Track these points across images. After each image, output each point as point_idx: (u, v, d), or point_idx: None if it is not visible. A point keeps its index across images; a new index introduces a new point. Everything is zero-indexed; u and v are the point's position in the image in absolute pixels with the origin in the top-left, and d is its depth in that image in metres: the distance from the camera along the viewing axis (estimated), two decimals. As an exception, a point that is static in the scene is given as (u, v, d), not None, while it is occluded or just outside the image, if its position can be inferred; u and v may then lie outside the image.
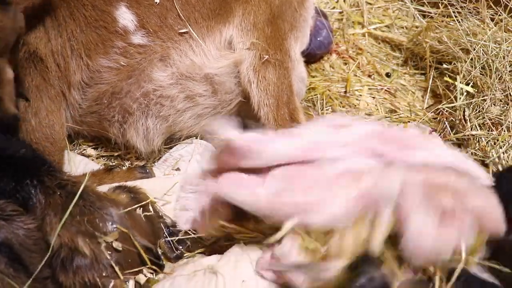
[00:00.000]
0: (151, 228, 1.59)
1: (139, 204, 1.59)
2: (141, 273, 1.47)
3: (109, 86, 1.87)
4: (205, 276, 1.42)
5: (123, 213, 1.51)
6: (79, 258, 1.39)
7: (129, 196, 1.60)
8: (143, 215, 1.59)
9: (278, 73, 1.93)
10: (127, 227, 1.48)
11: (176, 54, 1.88)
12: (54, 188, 1.47)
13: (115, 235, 1.44)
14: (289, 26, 2.00)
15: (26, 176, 1.47)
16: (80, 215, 1.45)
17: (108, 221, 1.47)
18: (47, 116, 1.81)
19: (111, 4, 1.82)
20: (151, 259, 1.51)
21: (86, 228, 1.43)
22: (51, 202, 1.45)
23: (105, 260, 1.41)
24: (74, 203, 1.44)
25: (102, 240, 1.42)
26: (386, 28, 2.68)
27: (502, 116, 2.05)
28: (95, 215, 1.46)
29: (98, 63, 1.83)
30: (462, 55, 2.29)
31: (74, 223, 1.43)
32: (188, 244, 1.66)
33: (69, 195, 1.46)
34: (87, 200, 1.48)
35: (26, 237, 1.40)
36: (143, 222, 1.58)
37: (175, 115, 1.96)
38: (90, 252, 1.40)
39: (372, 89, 2.43)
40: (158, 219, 1.65)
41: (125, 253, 1.46)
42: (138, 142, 1.96)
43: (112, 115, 1.92)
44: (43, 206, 1.45)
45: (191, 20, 1.88)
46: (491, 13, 2.41)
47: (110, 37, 1.82)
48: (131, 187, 1.67)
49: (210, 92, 1.97)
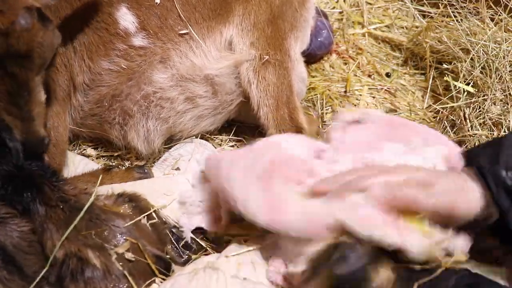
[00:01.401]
0: (157, 235, 1.59)
1: (145, 214, 1.57)
2: (154, 283, 1.45)
3: (110, 88, 1.86)
4: (206, 274, 1.41)
5: (131, 224, 1.50)
6: (90, 269, 1.37)
7: (131, 206, 1.59)
8: (148, 223, 1.58)
9: (278, 73, 1.93)
10: (136, 237, 1.48)
11: (177, 56, 1.87)
12: (56, 201, 1.45)
13: (126, 246, 1.43)
14: (290, 26, 1.99)
15: (26, 187, 1.44)
16: (87, 229, 1.43)
17: (117, 232, 1.46)
18: (52, 118, 1.80)
19: (112, 5, 1.81)
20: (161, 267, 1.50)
21: (94, 242, 1.41)
22: (52, 215, 1.43)
23: (117, 271, 1.39)
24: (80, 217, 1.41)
25: (113, 252, 1.41)
26: (386, 28, 2.68)
27: (502, 116, 2.05)
28: (103, 228, 1.45)
29: (100, 65, 1.82)
30: (462, 55, 2.29)
31: (80, 237, 1.41)
32: (194, 248, 1.65)
33: (73, 209, 1.44)
34: (93, 213, 1.47)
35: (21, 239, 1.39)
36: (149, 230, 1.57)
37: (175, 117, 1.96)
38: (101, 264, 1.38)
39: (372, 89, 2.43)
40: (163, 225, 1.64)
41: (136, 263, 1.45)
42: (139, 144, 1.96)
43: (113, 118, 1.91)
44: (42, 218, 1.42)
45: (192, 20, 1.87)
46: (491, 13, 2.41)
47: (111, 39, 1.81)
48: (132, 195, 1.65)
49: (211, 93, 1.96)
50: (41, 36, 1.42)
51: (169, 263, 1.53)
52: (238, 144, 2.19)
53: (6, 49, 1.36)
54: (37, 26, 1.41)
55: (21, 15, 1.37)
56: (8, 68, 1.39)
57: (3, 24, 1.35)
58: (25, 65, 1.41)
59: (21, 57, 1.40)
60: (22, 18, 1.37)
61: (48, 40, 1.44)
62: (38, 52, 1.42)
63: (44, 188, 1.45)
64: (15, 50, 1.37)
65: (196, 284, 1.39)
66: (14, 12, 1.37)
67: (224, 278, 1.39)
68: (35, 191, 1.44)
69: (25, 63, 1.41)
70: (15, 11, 1.37)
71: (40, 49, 1.42)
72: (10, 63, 1.39)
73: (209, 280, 1.39)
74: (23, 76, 1.42)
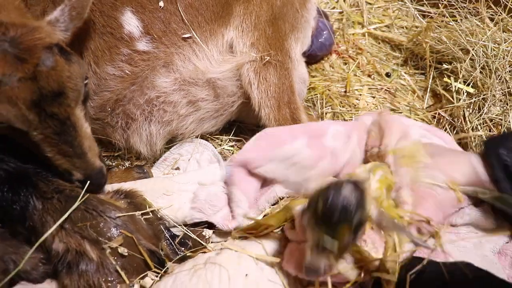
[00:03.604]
0: (152, 231, 1.59)
1: (143, 212, 1.58)
2: (147, 277, 1.46)
3: (113, 94, 1.85)
4: (207, 271, 1.42)
5: (127, 217, 1.51)
6: (85, 262, 1.39)
7: (126, 202, 1.59)
8: (143, 218, 1.58)
9: (279, 74, 1.93)
10: (131, 231, 1.48)
11: (180, 60, 1.87)
12: (51, 192, 1.46)
13: (120, 240, 1.44)
14: (290, 27, 1.99)
15: (21, 186, 1.45)
16: (82, 221, 1.44)
17: (112, 225, 1.47)
18: None
19: (117, 9, 1.79)
20: (155, 262, 1.50)
21: (89, 233, 1.43)
22: (49, 207, 1.44)
23: (110, 265, 1.41)
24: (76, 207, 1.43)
25: (107, 246, 1.42)
26: (386, 28, 2.69)
27: (502, 116, 2.05)
28: (99, 220, 1.45)
29: (105, 71, 1.81)
30: (462, 55, 2.29)
31: (76, 229, 1.43)
32: (190, 245, 1.66)
33: (69, 199, 1.46)
34: (89, 204, 1.48)
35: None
36: (144, 225, 1.57)
37: (177, 120, 1.96)
38: (96, 257, 1.40)
39: (372, 89, 2.43)
40: (157, 221, 1.65)
41: (130, 257, 1.45)
42: (141, 147, 1.96)
43: (116, 122, 1.91)
44: (41, 212, 1.43)
45: (195, 24, 1.86)
46: (491, 13, 2.41)
47: (116, 44, 1.80)
48: (128, 192, 1.66)
49: (212, 96, 1.97)
50: (68, 69, 1.43)
51: (163, 259, 1.54)
52: (238, 144, 2.20)
53: (39, 92, 1.37)
54: (61, 62, 1.42)
55: (43, 56, 1.39)
56: (47, 111, 1.40)
57: (29, 70, 1.37)
58: (62, 102, 1.42)
59: (55, 95, 1.40)
60: (45, 59, 1.39)
61: (75, 72, 1.45)
62: (70, 86, 1.43)
63: (39, 183, 1.47)
64: (48, 90, 1.38)
65: (197, 281, 1.40)
66: (36, 56, 1.38)
67: (227, 274, 1.40)
68: (31, 188, 1.46)
69: (61, 100, 1.42)
70: (37, 54, 1.38)
71: (71, 82, 1.43)
72: (48, 104, 1.39)
73: (211, 277, 1.40)
74: (63, 114, 1.43)
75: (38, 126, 1.40)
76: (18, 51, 1.37)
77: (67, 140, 1.46)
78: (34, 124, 1.39)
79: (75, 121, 1.47)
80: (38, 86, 1.37)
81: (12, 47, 1.36)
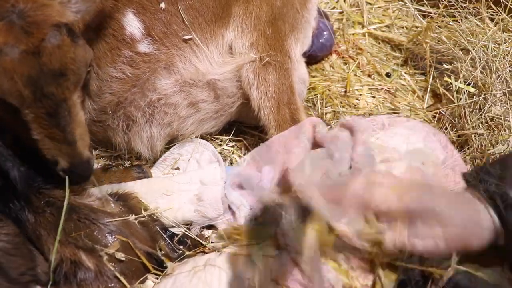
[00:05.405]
0: (147, 233, 1.59)
1: (139, 216, 1.57)
2: (147, 280, 1.46)
3: (115, 96, 1.85)
4: (207, 273, 1.41)
5: (121, 222, 1.50)
6: (83, 271, 1.39)
7: (120, 204, 1.59)
8: (137, 221, 1.58)
9: (278, 74, 1.93)
10: (126, 235, 1.48)
11: (180, 62, 1.86)
12: (43, 207, 1.45)
13: (116, 246, 1.44)
14: (290, 27, 1.99)
15: (13, 198, 1.44)
16: (76, 230, 1.43)
17: (107, 232, 1.46)
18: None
19: (119, 11, 1.78)
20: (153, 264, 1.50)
21: (84, 243, 1.42)
22: (41, 221, 1.43)
23: (109, 271, 1.41)
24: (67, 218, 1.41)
25: (103, 253, 1.42)
26: (386, 28, 2.68)
27: (502, 116, 2.05)
28: (92, 228, 1.45)
29: (106, 72, 1.80)
30: (462, 55, 2.29)
31: (70, 239, 1.42)
32: (189, 243, 1.66)
33: (61, 211, 1.43)
34: (81, 213, 1.46)
35: (6, 242, 1.39)
36: (139, 228, 1.57)
37: (178, 122, 1.96)
38: (93, 266, 1.40)
39: (372, 89, 2.43)
40: (152, 223, 1.64)
41: (128, 262, 1.45)
42: (142, 149, 1.96)
43: (117, 124, 1.90)
44: (33, 226, 1.43)
45: (195, 25, 1.86)
46: (491, 13, 2.41)
47: (118, 46, 1.79)
48: (122, 194, 1.66)
49: (213, 98, 1.96)
50: (73, 51, 1.39)
51: (161, 259, 1.54)
52: (238, 144, 2.20)
53: (39, 69, 1.33)
54: (68, 42, 1.38)
55: (50, 32, 1.35)
56: (44, 89, 1.35)
57: (33, 44, 1.33)
58: (61, 83, 1.38)
59: (55, 75, 1.36)
60: (52, 36, 1.35)
61: (80, 55, 1.41)
62: (72, 69, 1.39)
63: (31, 197, 1.45)
64: (49, 68, 1.35)
65: (197, 282, 1.39)
66: (43, 31, 1.35)
67: (226, 276, 1.39)
68: (22, 201, 1.44)
69: (60, 81, 1.38)
70: (44, 30, 1.35)
71: (74, 65, 1.39)
72: (46, 83, 1.35)
73: (211, 279, 1.39)
74: (60, 95, 1.38)
75: (32, 104, 1.35)
76: (25, 23, 1.33)
77: (59, 124, 1.40)
78: (28, 101, 1.34)
79: (71, 105, 1.42)
80: (39, 62, 1.33)
81: (20, 18, 1.32)
